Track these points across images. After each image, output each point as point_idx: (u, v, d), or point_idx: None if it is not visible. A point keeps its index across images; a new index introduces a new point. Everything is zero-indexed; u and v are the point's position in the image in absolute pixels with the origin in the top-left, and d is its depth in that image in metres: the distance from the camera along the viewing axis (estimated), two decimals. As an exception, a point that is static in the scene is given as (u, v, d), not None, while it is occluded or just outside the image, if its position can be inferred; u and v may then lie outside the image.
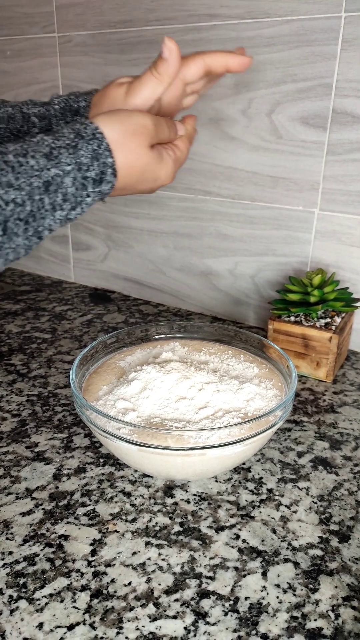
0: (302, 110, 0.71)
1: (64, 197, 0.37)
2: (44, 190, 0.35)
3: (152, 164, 0.42)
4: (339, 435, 0.58)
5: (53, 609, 0.38)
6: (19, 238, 0.35)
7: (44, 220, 0.36)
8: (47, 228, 0.37)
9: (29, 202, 0.34)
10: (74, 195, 0.37)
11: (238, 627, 0.37)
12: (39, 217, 0.35)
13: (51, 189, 0.36)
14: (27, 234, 0.35)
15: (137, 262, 0.96)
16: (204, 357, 0.60)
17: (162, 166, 0.44)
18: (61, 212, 0.37)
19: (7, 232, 0.33)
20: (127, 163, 0.40)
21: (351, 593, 0.39)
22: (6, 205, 0.33)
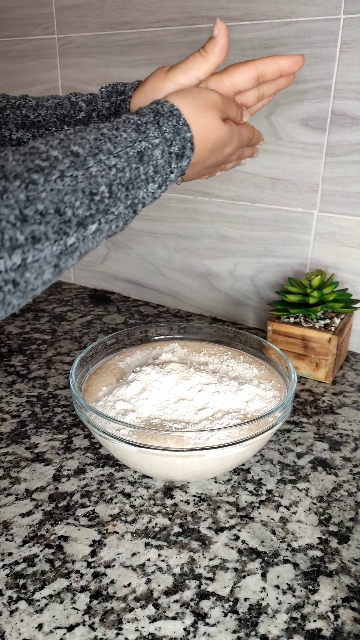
0: (301, 112, 0.71)
1: (155, 169, 0.38)
2: (139, 160, 0.37)
3: (224, 136, 0.43)
4: (339, 436, 0.58)
5: (53, 610, 0.38)
6: (121, 205, 0.36)
7: (139, 191, 0.37)
8: (141, 201, 0.38)
9: (127, 169, 0.36)
10: (163, 168, 0.39)
11: (237, 628, 0.37)
12: (136, 186, 0.37)
13: (144, 160, 0.37)
14: (127, 203, 0.36)
15: (137, 263, 0.96)
16: (203, 358, 0.60)
17: (232, 137, 0.45)
18: (152, 185, 0.38)
19: (112, 195, 0.35)
20: (202, 136, 0.41)
21: (350, 594, 0.40)
22: (109, 170, 0.34)
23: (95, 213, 0.33)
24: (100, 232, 0.35)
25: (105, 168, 0.34)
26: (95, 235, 0.34)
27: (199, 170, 0.45)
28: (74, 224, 0.32)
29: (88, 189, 0.33)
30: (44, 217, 0.30)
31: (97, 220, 0.34)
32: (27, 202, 0.29)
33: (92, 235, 0.34)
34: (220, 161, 0.46)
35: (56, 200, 0.31)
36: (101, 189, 0.34)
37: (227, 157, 0.46)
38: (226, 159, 0.47)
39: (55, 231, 0.30)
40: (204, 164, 0.44)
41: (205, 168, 0.45)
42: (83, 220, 0.33)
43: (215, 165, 0.46)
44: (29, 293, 0.31)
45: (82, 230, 0.33)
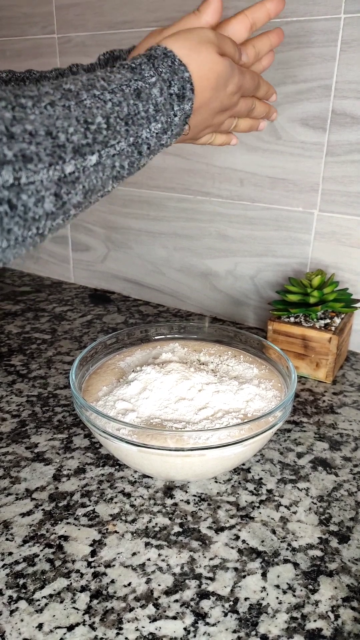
0: (301, 112, 0.71)
1: (155, 107, 0.37)
2: (136, 97, 0.36)
3: (224, 71, 0.42)
4: (339, 436, 0.58)
5: (53, 610, 0.38)
6: (123, 141, 0.35)
7: (141, 130, 0.36)
8: (145, 141, 0.37)
9: (124, 104, 0.35)
10: (164, 107, 0.38)
11: (238, 627, 0.37)
12: (137, 122, 0.36)
13: (142, 97, 0.36)
14: (129, 140, 0.36)
15: (137, 263, 0.96)
16: (203, 357, 0.60)
17: (233, 73, 0.43)
18: (155, 125, 0.37)
19: (110, 127, 0.34)
20: (200, 75, 0.40)
21: (351, 594, 0.40)
22: (105, 103, 0.34)
23: (93, 143, 0.33)
24: (103, 168, 0.34)
25: (100, 102, 0.34)
26: (97, 170, 0.33)
27: (205, 118, 0.44)
28: (69, 150, 0.31)
29: (82, 117, 0.32)
30: (34, 137, 0.29)
31: (96, 152, 0.33)
32: (13, 120, 0.29)
33: (94, 168, 0.33)
34: (225, 104, 0.44)
35: (47, 123, 0.30)
36: (97, 120, 0.33)
37: (231, 97, 0.44)
38: (232, 101, 0.45)
39: (49, 154, 0.30)
40: (208, 108, 0.43)
41: (211, 114, 0.44)
42: (80, 148, 0.32)
43: (221, 109, 0.44)
44: (30, 222, 0.30)
45: (80, 159, 0.32)
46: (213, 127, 0.47)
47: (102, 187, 0.35)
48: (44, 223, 0.31)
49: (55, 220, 0.32)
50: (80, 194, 0.33)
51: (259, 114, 0.51)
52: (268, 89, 0.51)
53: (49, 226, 0.32)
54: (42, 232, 0.32)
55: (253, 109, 0.50)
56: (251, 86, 0.47)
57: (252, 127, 0.53)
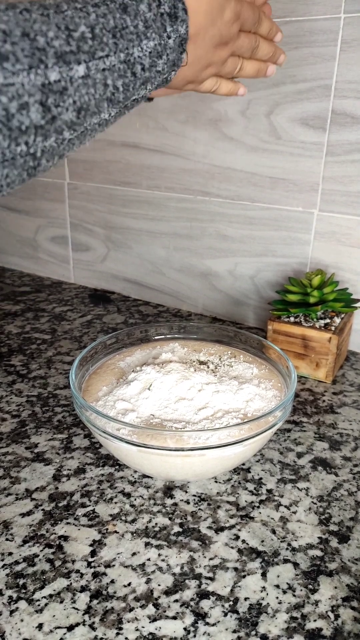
0: (301, 112, 0.71)
1: (145, 24, 0.35)
2: (123, 11, 0.34)
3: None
4: (339, 435, 0.58)
5: (53, 610, 0.38)
6: (112, 55, 0.33)
7: (132, 46, 0.34)
8: (138, 61, 0.35)
9: (110, 16, 0.33)
10: (154, 23, 0.35)
11: (238, 627, 0.37)
12: (126, 37, 0.34)
13: (129, 11, 0.34)
14: (120, 56, 0.33)
15: (137, 263, 0.96)
16: (203, 357, 0.60)
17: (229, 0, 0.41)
18: (147, 42, 0.35)
19: (96, 37, 0.32)
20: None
21: (351, 593, 0.39)
22: (88, 14, 0.32)
23: (78, 51, 0.30)
24: (94, 83, 0.32)
25: (82, 13, 0.31)
26: (87, 84, 0.31)
27: (205, 50, 0.41)
28: (51, 54, 0.29)
29: (63, 24, 0.30)
30: (8, 36, 0.27)
31: (82, 62, 0.31)
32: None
33: (83, 81, 0.31)
34: (224, 33, 0.42)
35: (22, 25, 0.28)
36: (81, 28, 0.31)
37: (229, 27, 0.42)
38: (231, 32, 0.42)
39: (27, 55, 0.28)
40: (206, 37, 0.40)
41: (210, 45, 0.41)
42: (63, 55, 0.29)
43: (221, 40, 0.42)
44: (16, 133, 0.28)
45: (65, 67, 0.30)
46: (215, 65, 0.44)
47: (97, 108, 0.33)
48: (34, 139, 0.29)
49: (47, 139, 0.30)
50: (72, 110, 0.31)
51: (264, 55, 0.48)
52: (271, 25, 0.48)
53: (40, 146, 0.29)
54: (34, 153, 0.29)
55: (257, 48, 0.47)
56: (251, 17, 0.44)
57: (260, 72, 0.49)
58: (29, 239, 1.11)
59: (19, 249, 1.14)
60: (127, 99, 0.35)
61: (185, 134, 0.82)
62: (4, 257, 1.18)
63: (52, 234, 1.07)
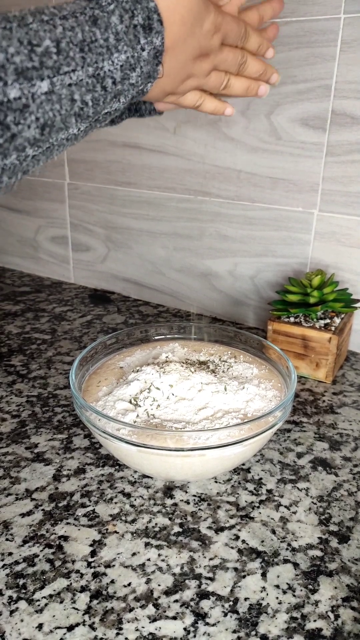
0: (301, 112, 0.71)
1: (116, 36, 0.34)
2: (93, 24, 0.33)
3: (197, 5, 0.38)
4: (339, 436, 0.58)
5: (53, 610, 0.38)
6: (79, 70, 0.32)
7: (101, 59, 0.33)
8: (108, 75, 0.34)
9: (78, 29, 0.32)
10: (126, 36, 0.34)
11: (237, 627, 0.37)
12: (95, 51, 0.32)
13: (100, 24, 0.33)
14: (88, 70, 0.32)
15: (137, 263, 0.96)
16: (203, 357, 0.60)
17: (208, 9, 0.39)
18: (118, 55, 0.34)
19: (62, 52, 0.30)
20: (168, 6, 0.37)
21: (351, 594, 0.39)
22: (54, 28, 0.31)
23: (41, 67, 0.29)
24: (59, 99, 0.31)
25: (48, 26, 0.30)
26: (51, 100, 0.30)
27: (183, 62, 0.39)
28: (10, 71, 0.28)
29: (26, 39, 0.29)
30: None
31: (46, 77, 0.30)
32: None
33: (47, 97, 0.30)
34: (203, 45, 0.40)
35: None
36: (45, 43, 0.30)
37: (209, 38, 0.40)
38: (211, 44, 0.41)
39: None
40: (184, 48, 0.39)
41: (189, 57, 0.40)
42: (25, 72, 0.28)
43: (200, 52, 0.40)
44: None
45: (26, 84, 0.29)
46: (196, 77, 0.42)
47: (64, 124, 0.32)
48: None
49: (6, 157, 0.29)
50: (34, 127, 0.30)
51: (254, 72, 0.46)
52: (260, 41, 0.46)
53: (0, 164, 0.29)
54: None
55: (244, 64, 0.45)
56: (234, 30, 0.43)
57: (250, 91, 0.47)
58: (29, 239, 1.11)
59: (19, 249, 1.14)
60: (97, 113, 0.35)
61: (185, 134, 0.82)
62: (4, 257, 1.18)
63: (52, 234, 1.07)
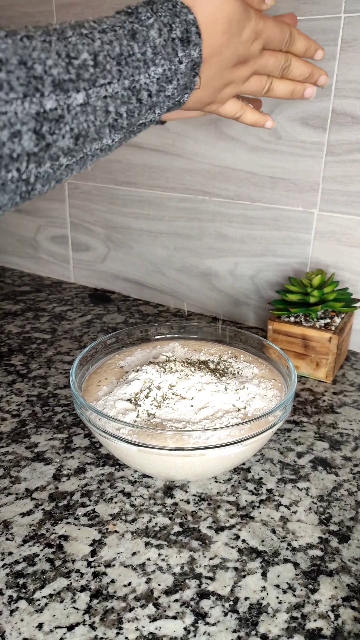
0: (301, 111, 0.71)
1: (154, 50, 0.34)
2: (131, 38, 0.33)
3: (236, 12, 0.38)
4: (339, 435, 0.58)
5: (53, 610, 0.38)
6: (115, 82, 0.32)
7: (138, 72, 0.33)
8: (144, 87, 0.34)
9: (116, 43, 0.32)
10: (164, 50, 0.34)
11: (238, 627, 0.37)
12: (132, 65, 0.33)
13: (138, 38, 0.33)
14: (124, 83, 0.33)
15: (137, 263, 0.96)
16: (203, 357, 0.60)
17: (249, 16, 0.39)
18: (155, 69, 0.34)
19: (98, 65, 0.31)
20: (207, 18, 0.36)
21: (351, 593, 0.39)
22: (93, 42, 0.31)
23: (77, 79, 0.30)
24: (94, 110, 0.31)
25: (87, 39, 0.31)
26: (86, 111, 0.31)
27: (220, 70, 0.39)
28: (48, 83, 0.28)
29: (64, 51, 0.29)
30: (4, 64, 0.27)
31: (82, 89, 0.30)
32: None
33: (82, 109, 0.30)
34: (242, 52, 0.39)
35: (20, 53, 0.28)
36: (83, 56, 0.30)
37: (248, 46, 0.39)
38: (250, 51, 0.40)
39: (23, 84, 0.27)
40: (222, 58, 0.38)
41: (227, 65, 0.39)
42: (61, 83, 0.29)
43: (239, 60, 0.40)
44: (7, 160, 0.28)
45: (62, 95, 0.29)
46: (235, 84, 0.42)
47: (98, 135, 0.32)
48: (26, 165, 0.29)
49: (41, 166, 0.30)
50: (69, 137, 0.30)
51: (299, 75, 0.45)
52: (309, 44, 0.45)
53: (34, 172, 0.29)
54: (27, 179, 0.29)
55: (288, 68, 0.44)
56: (277, 36, 0.42)
57: (296, 93, 0.46)
58: (29, 239, 1.11)
59: (19, 249, 1.14)
60: (132, 125, 0.35)
61: (186, 133, 0.82)
62: (4, 257, 1.18)
63: (52, 233, 1.07)
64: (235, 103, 0.45)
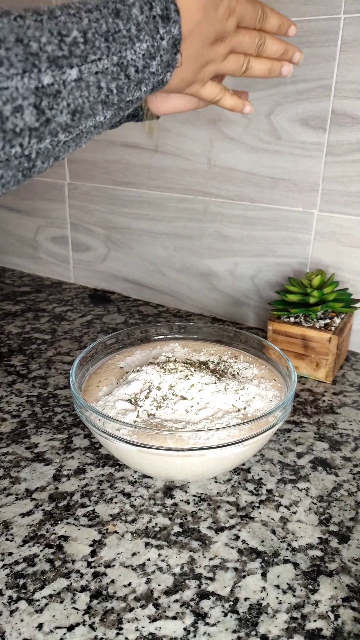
0: (301, 112, 0.71)
1: (137, 27, 0.36)
2: (115, 15, 0.35)
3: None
4: (339, 436, 0.58)
5: (53, 610, 0.38)
6: (105, 58, 0.34)
7: (125, 49, 0.35)
8: (132, 64, 0.36)
9: (103, 20, 0.34)
10: (147, 26, 0.36)
11: (238, 627, 0.37)
12: (118, 40, 0.34)
13: (122, 16, 0.35)
14: (113, 59, 0.34)
15: (137, 263, 0.96)
16: (203, 357, 0.60)
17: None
18: (140, 44, 0.36)
19: (88, 41, 0.33)
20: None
21: (351, 594, 0.39)
22: (81, 20, 0.33)
23: (70, 56, 0.31)
24: (87, 86, 0.33)
25: (75, 18, 0.32)
26: (80, 87, 0.32)
27: (200, 48, 0.41)
28: (44, 59, 0.30)
29: (56, 29, 0.31)
30: (2, 42, 0.28)
31: (75, 65, 0.32)
32: None
33: (76, 84, 0.32)
34: (219, 29, 0.41)
35: (16, 31, 0.29)
36: (73, 34, 0.32)
37: (224, 23, 0.41)
38: (226, 28, 0.42)
39: (21, 60, 0.29)
40: (201, 35, 0.40)
41: (206, 43, 0.41)
42: (56, 60, 0.31)
43: (216, 37, 0.41)
44: (10, 135, 0.29)
45: (57, 71, 0.31)
46: (214, 62, 0.43)
47: (92, 111, 0.34)
48: (28, 141, 0.30)
49: (41, 141, 0.31)
50: (66, 112, 0.32)
51: (274, 52, 0.46)
52: (281, 20, 0.46)
53: (35, 147, 0.31)
54: (29, 154, 0.31)
55: (263, 45, 0.45)
56: (250, 13, 0.43)
57: (273, 71, 0.47)
58: (29, 239, 1.11)
59: (19, 249, 1.14)
60: (121, 100, 0.36)
61: (185, 134, 0.82)
62: (4, 257, 1.18)
63: (52, 234, 1.07)
64: (215, 86, 0.46)
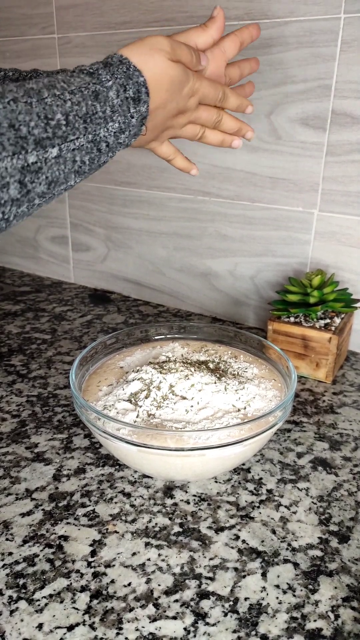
0: (301, 112, 0.71)
1: (112, 109, 0.40)
2: (94, 98, 0.39)
3: (177, 75, 0.45)
4: (339, 436, 0.58)
5: (53, 610, 0.38)
6: (82, 137, 0.38)
7: (99, 128, 0.40)
8: (103, 139, 0.40)
9: (83, 103, 0.38)
10: (121, 108, 0.41)
11: (238, 627, 0.37)
12: (94, 121, 0.39)
13: (100, 98, 0.40)
14: (88, 137, 0.39)
15: (137, 263, 0.96)
16: (203, 357, 0.60)
17: (187, 78, 0.46)
18: (112, 124, 0.41)
19: (69, 123, 0.37)
20: (155, 79, 0.43)
21: (351, 594, 0.39)
22: (64, 102, 0.37)
23: (53, 137, 0.36)
24: (64, 161, 0.37)
25: (60, 101, 0.37)
26: (59, 162, 0.37)
27: (163, 119, 0.47)
28: (31, 142, 0.34)
29: (43, 113, 0.35)
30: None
31: (56, 145, 0.36)
32: None
33: (55, 160, 0.36)
34: (181, 105, 0.47)
35: (10, 117, 0.33)
36: (57, 116, 0.36)
37: (186, 100, 0.47)
38: (187, 104, 0.48)
39: (12, 143, 0.33)
40: (165, 110, 0.46)
41: (168, 116, 0.47)
42: (41, 141, 0.35)
43: (178, 111, 0.48)
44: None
45: (41, 151, 0.35)
46: (173, 129, 0.50)
47: (65, 180, 0.39)
48: (9, 209, 0.35)
49: (20, 207, 0.35)
50: (44, 184, 0.36)
51: (229, 129, 0.53)
52: (240, 102, 0.53)
53: (14, 212, 0.35)
54: (8, 218, 0.35)
55: (219, 122, 0.52)
56: (211, 94, 0.49)
57: (225, 142, 0.55)
58: (29, 239, 1.11)
59: (19, 249, 1.14)
60: (92, 169, 0.42)
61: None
62: (4, 257, 1.18)
63: (52, 233, 1.07)
64: (170, 147, 0.54)
